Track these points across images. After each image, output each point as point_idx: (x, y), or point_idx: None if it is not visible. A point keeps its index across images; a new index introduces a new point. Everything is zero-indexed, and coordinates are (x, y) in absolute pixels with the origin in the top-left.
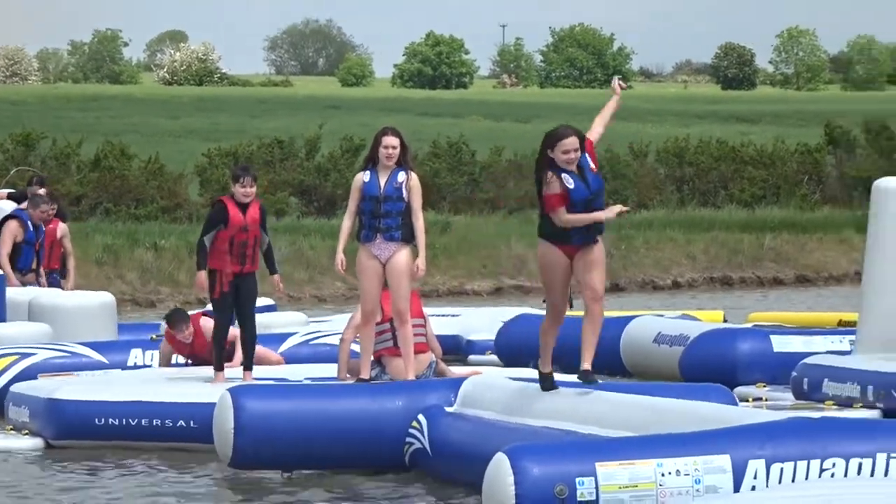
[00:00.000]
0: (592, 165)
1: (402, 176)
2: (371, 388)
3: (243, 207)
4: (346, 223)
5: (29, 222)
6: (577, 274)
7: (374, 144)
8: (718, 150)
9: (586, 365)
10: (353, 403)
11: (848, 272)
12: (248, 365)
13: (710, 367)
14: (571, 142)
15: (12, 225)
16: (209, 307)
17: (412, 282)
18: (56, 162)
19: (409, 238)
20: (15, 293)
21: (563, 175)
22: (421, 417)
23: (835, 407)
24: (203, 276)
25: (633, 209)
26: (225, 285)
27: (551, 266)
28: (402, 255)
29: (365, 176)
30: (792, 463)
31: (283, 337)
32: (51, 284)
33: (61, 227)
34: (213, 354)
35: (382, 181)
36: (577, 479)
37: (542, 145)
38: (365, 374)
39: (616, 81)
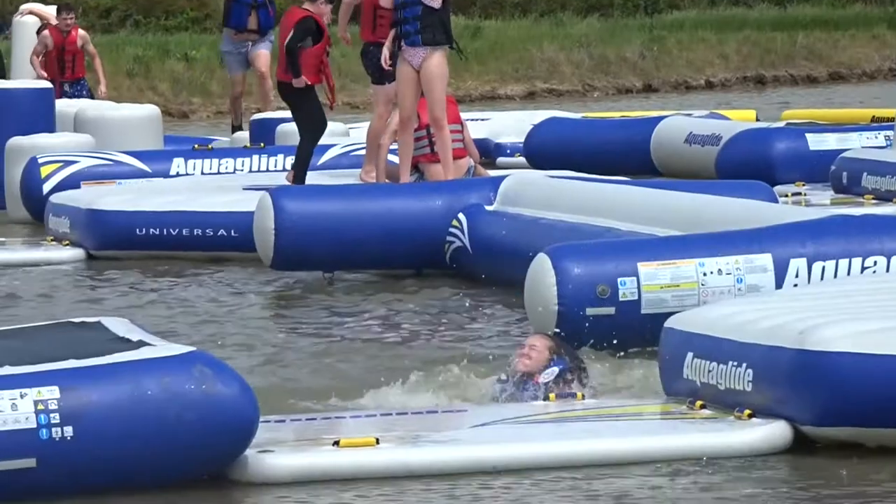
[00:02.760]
0: None
1: None
2: (411, 187)
3: None
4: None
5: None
6: None
7: None
8: None
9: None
10: (394, 203)
11: (881, 68)
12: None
13: (747, 167)
14: None
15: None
16: None
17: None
18: None
19: (431, 41)
20: (63, 105)
21: None
22: (461, 216)
23: (874, 201)
24: (304, 80)
25: (665, 10)
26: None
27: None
28: (433, 59)
29: None
30: (833, 261)
31: (323, 148)
32: (77, 94)
33: (81, 35)
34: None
35: None
36: (619, 280)
37: None
38: (405, 180)
39: None
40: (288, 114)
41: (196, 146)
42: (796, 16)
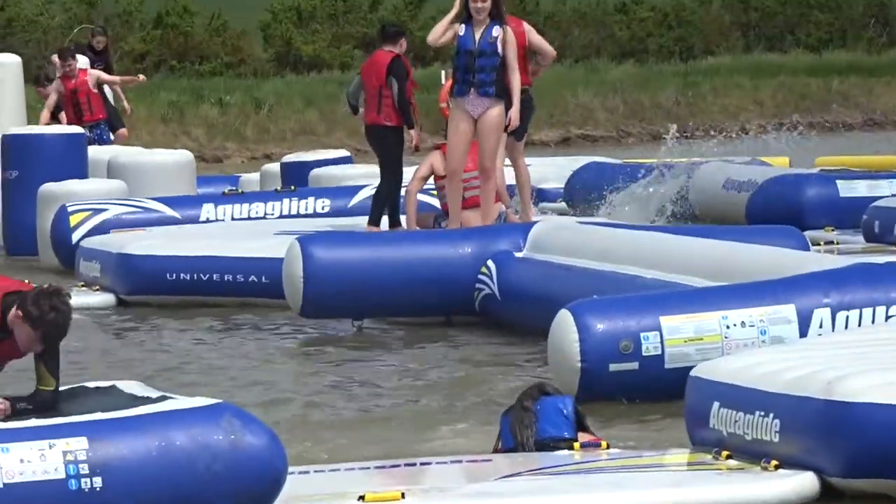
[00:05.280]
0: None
1: (497, 30)
2: (440, 234)
3: None
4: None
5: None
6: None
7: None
8: None
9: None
10: (423, 250)
11: None
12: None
13: (777, 212)
14: None
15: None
16: None
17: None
18: (119, 20)
19: (502, 94)
20: (96, 152)
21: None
22: (490, 263)
23: None
24: (417, 135)
25: (700, 56)
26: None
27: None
28: (495, 111)
29: (461, 29)
30: (857, 310)
31: (354, 189)
32: (99, 139)
33: (91, 74)
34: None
35: (477, 35)
36: (642, 334)
37: None
38: (455, 225)
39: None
40: (319, 156)
41: (226, 191)
42: (831, 62)
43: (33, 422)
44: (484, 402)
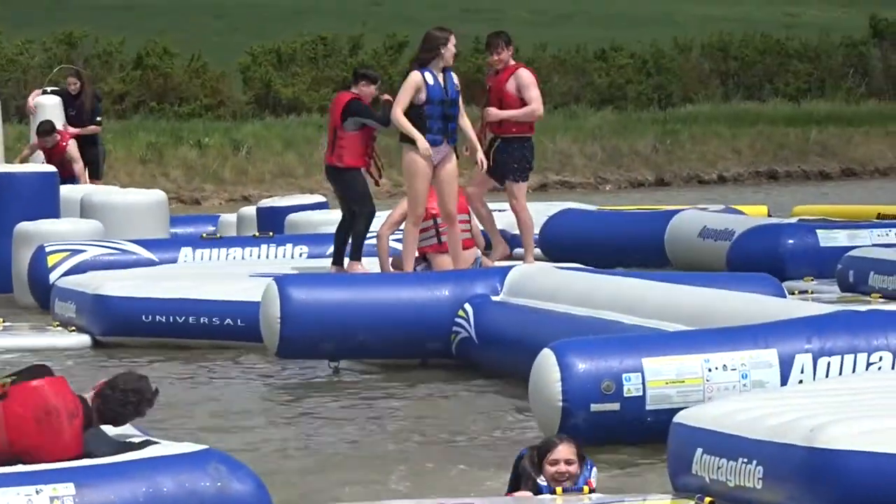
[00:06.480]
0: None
1: (455, 77)
2: (418, 277)
3: None
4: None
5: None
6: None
7: (437, 45)
8: (763, 44)
9: None
10: (400, 293)
11: (894, 165)
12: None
13: (758, 262)
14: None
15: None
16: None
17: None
18: (99, 60)
19: (453, 139)
20: (67, 191)
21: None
22: (467, 306)
23: (881, 299)
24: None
25: (678, 104)
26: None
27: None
28: (453, 157)
29: (428, 77)
30: (839, 357)
31: (332, 236)
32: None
33: (69, 151)
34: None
35: (443, 84)
36: (624, 375)
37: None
38: (409, 269)
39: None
40: (295, 202)
41: (204, 235)
42: (810, 111)
43: (20, 467)
44: (471, 444)
